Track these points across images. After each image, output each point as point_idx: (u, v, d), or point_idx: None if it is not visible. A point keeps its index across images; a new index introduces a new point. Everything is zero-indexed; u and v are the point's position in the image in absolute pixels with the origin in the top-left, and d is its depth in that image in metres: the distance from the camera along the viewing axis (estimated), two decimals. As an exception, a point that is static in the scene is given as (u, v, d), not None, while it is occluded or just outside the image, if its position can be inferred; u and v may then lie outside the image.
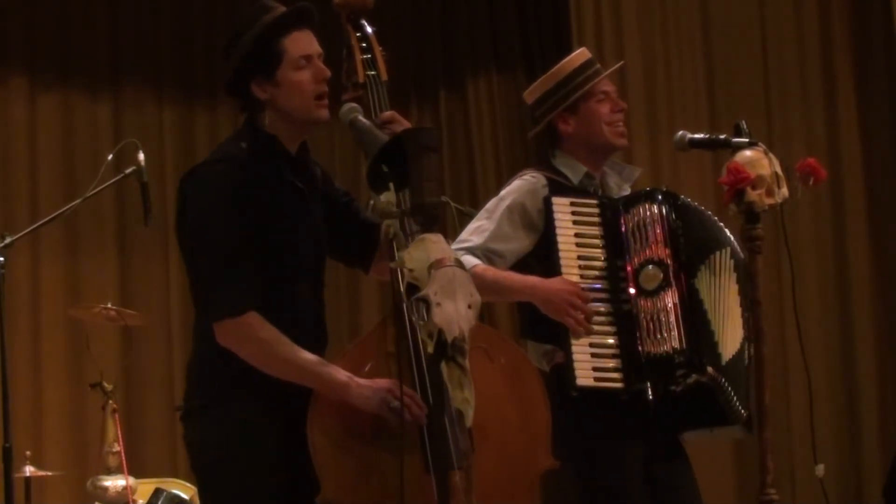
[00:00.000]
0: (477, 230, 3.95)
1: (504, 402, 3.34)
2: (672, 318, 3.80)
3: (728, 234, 4.00)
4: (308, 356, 3.23)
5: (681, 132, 4.08)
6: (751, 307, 3.91)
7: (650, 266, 3.84)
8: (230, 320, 3.20)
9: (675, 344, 3.78)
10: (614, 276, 3.86)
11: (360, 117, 3.26)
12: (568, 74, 4.05)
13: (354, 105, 3.32)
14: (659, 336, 3.80)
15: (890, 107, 6.80)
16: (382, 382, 3.18)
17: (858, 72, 6.86)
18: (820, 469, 4.19)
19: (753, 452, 3.94)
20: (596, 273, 3.86)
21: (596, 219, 3.91)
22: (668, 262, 3.84)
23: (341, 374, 3.20)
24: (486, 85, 8.12)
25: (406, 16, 8.26)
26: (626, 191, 4.12)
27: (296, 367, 3.21)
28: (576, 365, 3.76)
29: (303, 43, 3.31)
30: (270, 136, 3.33)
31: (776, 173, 3.87)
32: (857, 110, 6.83)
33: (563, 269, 3.84)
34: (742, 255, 3.93)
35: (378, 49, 3.48)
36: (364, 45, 3.49)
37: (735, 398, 3.87)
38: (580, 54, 4.12)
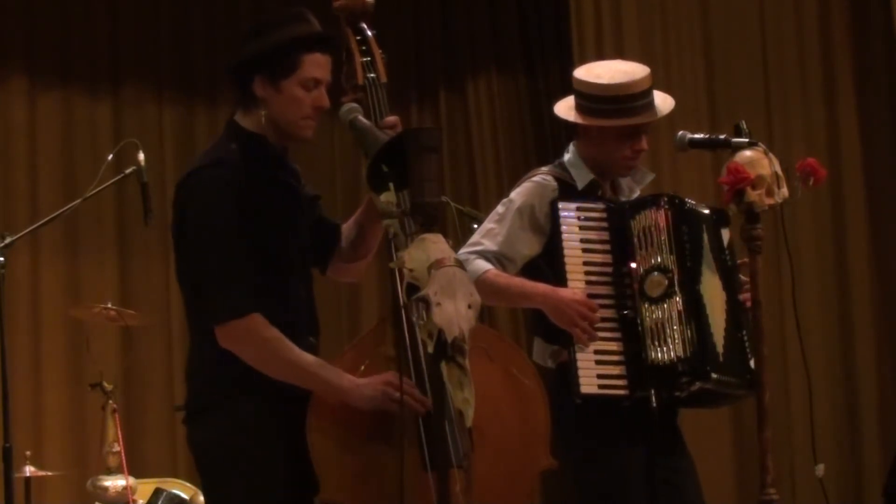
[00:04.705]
0: (488, 233, 3.95)
1: (504, 403, 3.34)
2: (676, 326, 3.80)
3: (704, 211, 3.99)
4: (309, 358, 3.25)
5: (681, 132, 4.08)
6: (726, 258, 3.95)
7: (655, 273, 3.84)
8: (235, 321, 3.22)
9: (680, 352, 3.78)
10: (620, 282, 3.86)
11: (360, 117, 3.27)
12: (620, 96, 3.94)
13: (354, 105, 3.33)
14: (663, 344, 3.79)
15: (890, 107, 6.80)
16: (380, 377, 3.21)
17: (858, 72, 6.85)
18: (820, 469, 4.19)
19: (753, 452, 3.94)
20: (601, 279, 3.86)
21: (602, 224, 3.90)
22: (673, 268, 3.84)
23: (342, 378, 3.22)
24: (486, 85, 8.12)
25: (406, 16, 8.26)
26: (637, 193, 4.11)
27: (297, 370, 3.23)
28: (580, 372, 3.76)
29: (318, 67, 3.35)
30: (259, 135, 3.36)
31: (776, 173, 3.87)
32: (857, 110, 6.82)
33: (569, 275, 3.84)
34: (710, 213, 3.96)
35: (378, 52, 3.48)
36: (364, 48, 3.49)
37: (737, 386, 3.89)
38: (643, 79, 4.00)
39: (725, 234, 4.01)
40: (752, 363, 3.93)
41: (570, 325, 3.77)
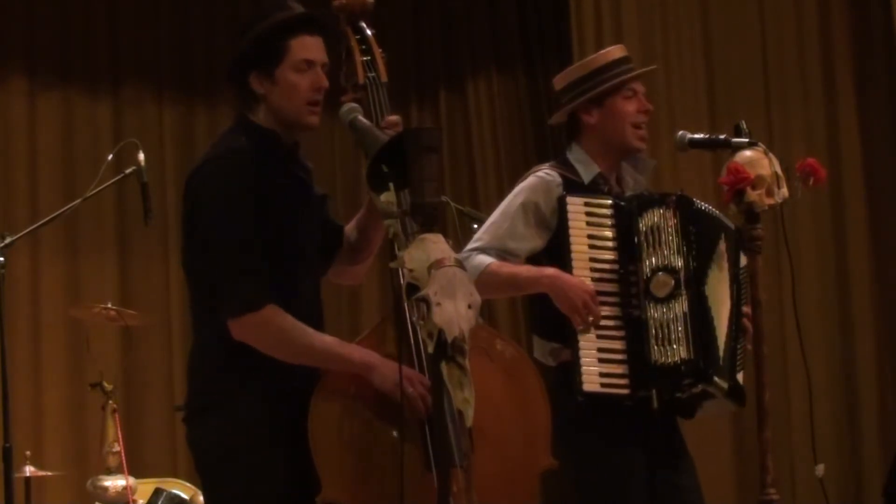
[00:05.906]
0: (491, 229, 3.95)
1: (504, 403, 3.34)
2: (681, 327, 3.79)
3: (726, 221, 3.99)
4: (328, 339, 3.26)
5: (681, 132, 4.08)
6: (740, 275, 3.95)
7: (661, 273, 3.83)
8: (252, 314, 3.20)
9: (684, 354, 3.78)
10: (625, 280, 3.85)
11: (360, 117, 3.26)
12: (601, 66, 4.02)
13: (355, 105, 3.32)
14: (667, 345, 3.79)
15: (890, 107, 6.80)
16: (405, 370, 3.19)
17: (858, 72, 6.85)
18: (820, 469, 4.19)
19: (753, 452, 3.94)
20: (608, 276, 3.85)
21: (609, 220, 3.89)
22: (680, 269, 3.83)
23: (362, 353, 3.23)
24: (486, 85, 8.12)
25: (406, 16, 8.26)
26: (642, 184, 4.10)
27: (318, 352, 3.23)
28: (583, 370, 3.76)
29: (308, 48, 3.33)
30: (270, 130, 3.35)
31: (776, 173, 3.87)
32: (857, 110, 6.83)
33: (576, 271, 3.82)
34: (734, 229, 3.96)
35: (378, 51, 3.48)
36: (364, 47, 3.49)
37: (724, 393, 3.89)
38: (617, 49, 4.10)
39: (743, 259, 4.00)
40: (738, 377, 3.94)
41: (572, 310, 3.76)
